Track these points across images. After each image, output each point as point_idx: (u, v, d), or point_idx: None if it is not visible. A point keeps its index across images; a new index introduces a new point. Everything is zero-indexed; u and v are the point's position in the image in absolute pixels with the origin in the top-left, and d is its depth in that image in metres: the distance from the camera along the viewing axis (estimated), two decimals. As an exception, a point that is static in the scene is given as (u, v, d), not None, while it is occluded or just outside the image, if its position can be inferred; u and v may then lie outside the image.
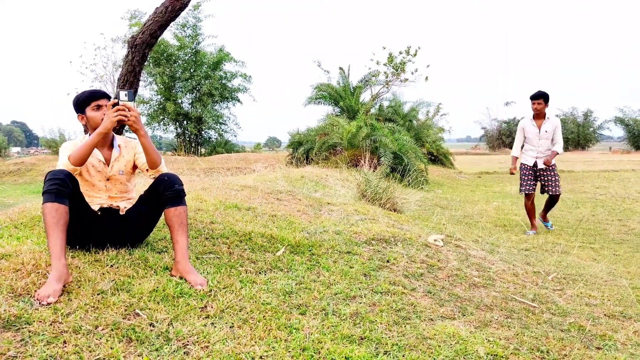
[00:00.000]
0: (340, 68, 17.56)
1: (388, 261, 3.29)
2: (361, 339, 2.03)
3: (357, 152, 11.90)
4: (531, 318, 2.59)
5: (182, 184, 2.59)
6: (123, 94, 2.43)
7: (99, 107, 2.59)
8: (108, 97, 2.62)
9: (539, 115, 5.99)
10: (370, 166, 9.81)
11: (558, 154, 5.92)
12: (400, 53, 16.68)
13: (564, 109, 45.32)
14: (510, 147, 5.75)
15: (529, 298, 2.94)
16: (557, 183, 5.97)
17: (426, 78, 17.07)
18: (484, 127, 43.01)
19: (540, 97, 5.92)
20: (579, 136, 44.00)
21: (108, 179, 2.68)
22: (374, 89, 17.57)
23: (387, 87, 17.35)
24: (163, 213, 2.56)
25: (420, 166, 12.40)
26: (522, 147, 6.27)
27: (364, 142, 12.04)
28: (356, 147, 12.14)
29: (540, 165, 5.94)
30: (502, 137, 40.63)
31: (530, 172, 6.07)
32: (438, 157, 19.04)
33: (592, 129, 44.85)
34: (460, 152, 33.17)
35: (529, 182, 6.02)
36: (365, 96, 17.68)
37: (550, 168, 5.94)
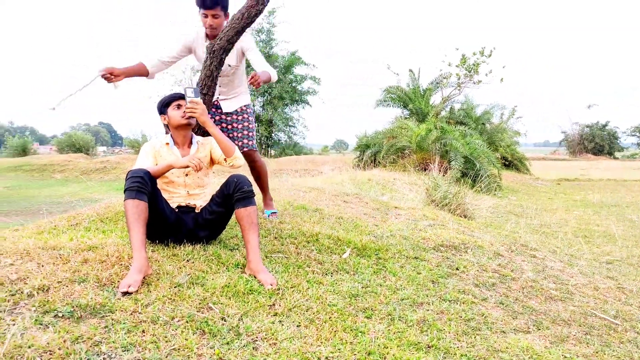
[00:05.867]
0: (410, 70, 17.33)
1: (457, 269, 3.20)
2: (428, 347, 1.98)
3: (426, 156, 11.67)
4: (613, 336, 2.41)
5: (251, 185, 2.68)
6: (190, 91, 2.65)
7: (179, 107, 2.82)
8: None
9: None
10: (440, 170, 9.57)
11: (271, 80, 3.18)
12: (474, 54, 16.15)
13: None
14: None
15: (610, 314, 2.74)
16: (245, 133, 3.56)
17: (501, 79, 16.44)
18: (564, 131, 40.45)
19: (217, 5, 3.16)
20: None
21: (187, 175, 2.82)
22: (444, 91, 17.16)
23: (459, 89, 16.87)
24: (234, 213, 2.66)
25: (493, 171, 11.93)
26: None
27: (433, 146, 11.78)
28: (425, 151, 11.91)
29: (226, 109, 3.58)
30: (584, 142, 37.98)
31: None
32: (513, 162, 18.24)
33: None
34: (537, 157, 31.54)
35: None
36: (436, 99, 17.31)
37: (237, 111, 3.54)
